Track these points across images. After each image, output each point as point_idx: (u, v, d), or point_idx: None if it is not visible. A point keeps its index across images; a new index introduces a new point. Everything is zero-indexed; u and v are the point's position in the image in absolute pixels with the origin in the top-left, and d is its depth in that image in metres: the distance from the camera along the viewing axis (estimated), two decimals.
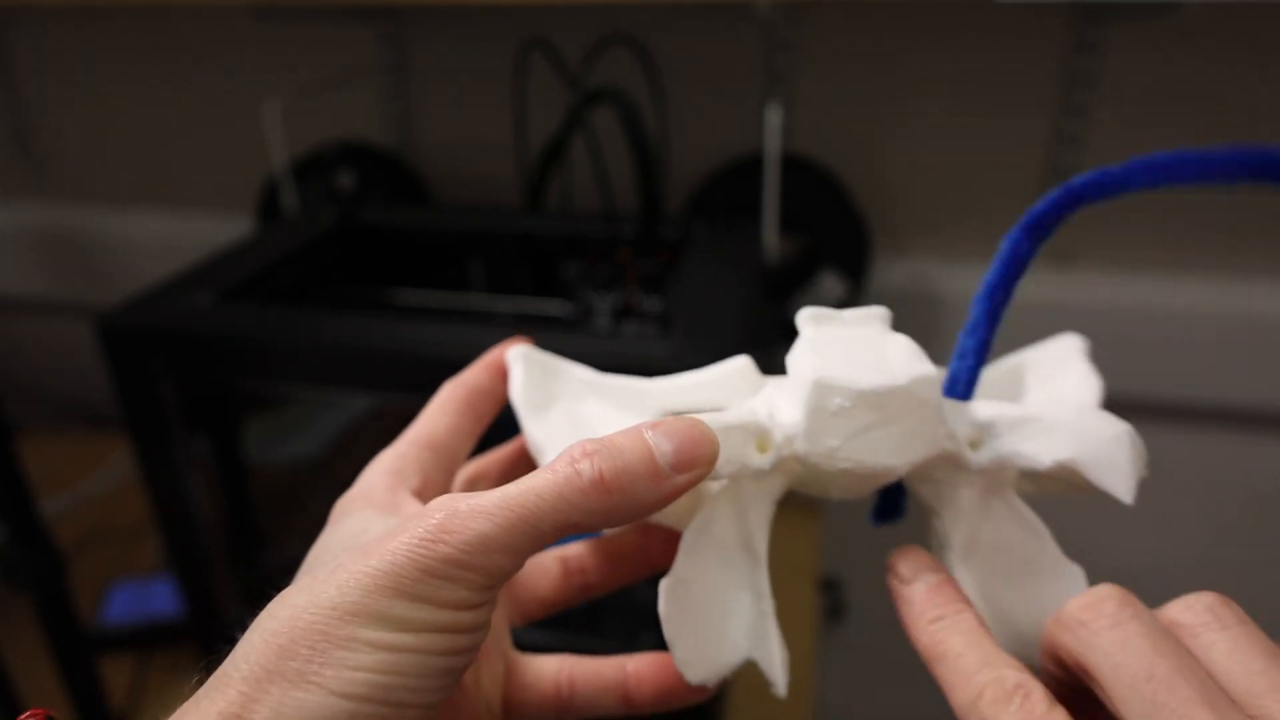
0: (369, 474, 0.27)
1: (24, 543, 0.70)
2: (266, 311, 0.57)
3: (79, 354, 1.04)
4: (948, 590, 0.24)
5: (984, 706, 0.21)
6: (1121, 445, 0.24)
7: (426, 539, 0.21)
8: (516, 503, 0.21)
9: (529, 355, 0.30)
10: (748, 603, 0.26)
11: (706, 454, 0.23)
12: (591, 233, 0.73)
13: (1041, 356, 0.31)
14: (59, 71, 1.00)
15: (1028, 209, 0.25)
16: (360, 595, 0.20)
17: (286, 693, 0.19)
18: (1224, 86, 0.75)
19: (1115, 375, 0.99)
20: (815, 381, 0.23)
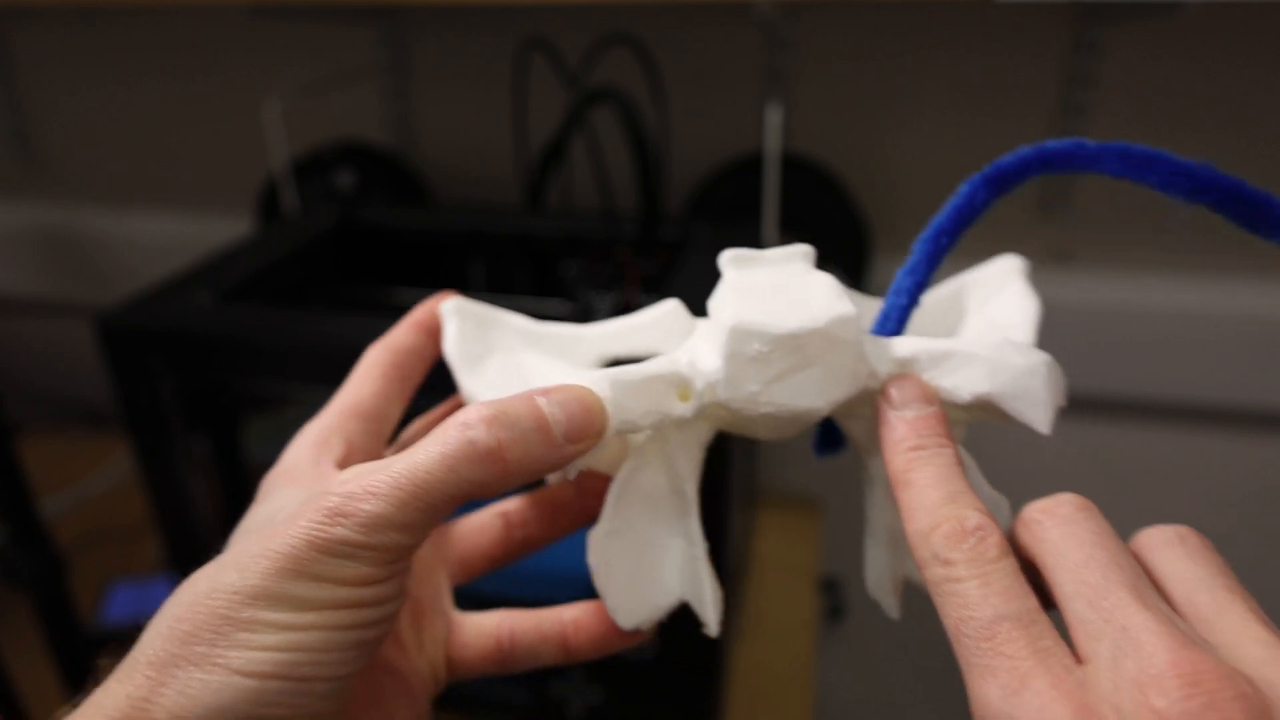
0: (293, 448, 0.27)
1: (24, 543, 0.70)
2: (266, 311, 0.57)
3: (79, 354, 1.04)
4: (934, 424, 0.23)
5: (937, 538, 0.21)
6: (1038, 377, 0.24)
7: (323, 522, 0.21)
8: (407, 479, 0.21)
9: (462, 307, 0.29)
10: (679, 548, 0.26)
11: (595, 426, 0.23)
12: (591, 233, 0.73)
13: (981, 277, 0.32)
14: (59, 71, 1.00)
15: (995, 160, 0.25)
16: (260, 578, 0.21)
17: (192, 675, 0.20)
18: (1224, 86, 0.75)
19: (1115, 375, 0.99)
20: (732, 328, 0.23)
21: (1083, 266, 0.83)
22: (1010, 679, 0.18)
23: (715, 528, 0.55)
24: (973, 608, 0.20)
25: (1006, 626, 0.19)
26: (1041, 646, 0.19)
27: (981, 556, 0.20)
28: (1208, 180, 0.24)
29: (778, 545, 0.86)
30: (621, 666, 0.61)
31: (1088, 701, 0.18)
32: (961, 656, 0.20)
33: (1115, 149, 0.24)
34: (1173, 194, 0.25)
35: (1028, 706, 0.18)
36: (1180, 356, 0.81)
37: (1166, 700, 0.17)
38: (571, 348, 0.29)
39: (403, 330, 0.30)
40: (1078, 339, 0.82)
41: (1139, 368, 0.82)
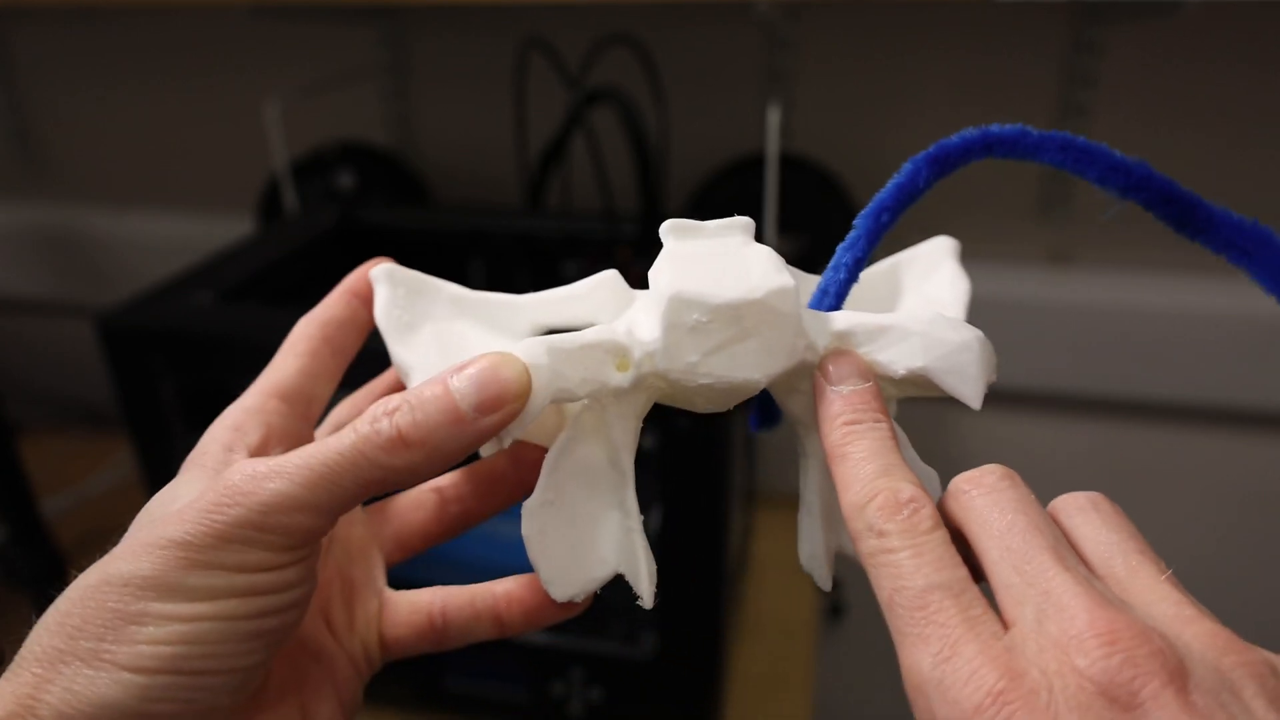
0: (208, 433, 0.26)
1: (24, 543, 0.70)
2: (266, 311, 0.57)
3: (79, 354, 1.04)
4: (869, 398, 0.24)
5: (871, 510, 0.21)
6: (970, 352, 0.24)
7: (220, 503, 0.20)
8: (318, 461, 0.21)
9: (394, 274, 0.28)
10: (616, 520, 0.25)
11: (513, 391, 0.22)
12: (591, 233, 0.73)
13: (916, 255, 0.32)
14: (59, 71, 1.00)
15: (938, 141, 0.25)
16: (151, 568, 0.20)
17: (79, 671, 0.19)
18: (1223, 86, 0.75)
19: (1115, 375, 0.99)
20: (671, 297, 0.23)
21: (1082, 267, 0.83)
22: (942, 646, 0.19)
23: (715, 528, 0.55)
24: (906, 578, 0.20)
25: (938, 595, 0.19)
26: (972, 615, 0.19)
27: (915, 528, 0.21)
28: (1141, 178, 0.25)
29: (778, 545, 0.86)
30: (621, 666, 0.61)
31: (1015, 665, 0.18)
32: (894, 626, 0.20)
33: (1057, 139, 0.25)
34: (1108, 188, 0.25)
35: (958, 672, 0.18)
36: (1180, 356, 0.81)
37: (1087, 659, 0.17)
38: (507, 316, 0.29)
39: (334, 299, 0.29)
40: (1077, 339, 0.82)
41: (1138, 368, 0.82)
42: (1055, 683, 0.18)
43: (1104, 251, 0.82)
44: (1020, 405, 0.88)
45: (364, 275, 0.29)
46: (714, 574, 0.57)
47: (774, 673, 0.72)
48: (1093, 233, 0.82)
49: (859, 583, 0.27)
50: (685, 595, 0.57)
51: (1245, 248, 0.25)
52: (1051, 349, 0.82)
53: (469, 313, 0.29)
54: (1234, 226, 0.25)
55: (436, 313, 0.28)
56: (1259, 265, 0.25)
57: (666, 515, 0.55)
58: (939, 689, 0.19)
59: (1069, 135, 0.25)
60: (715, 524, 0.55)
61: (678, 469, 0.53)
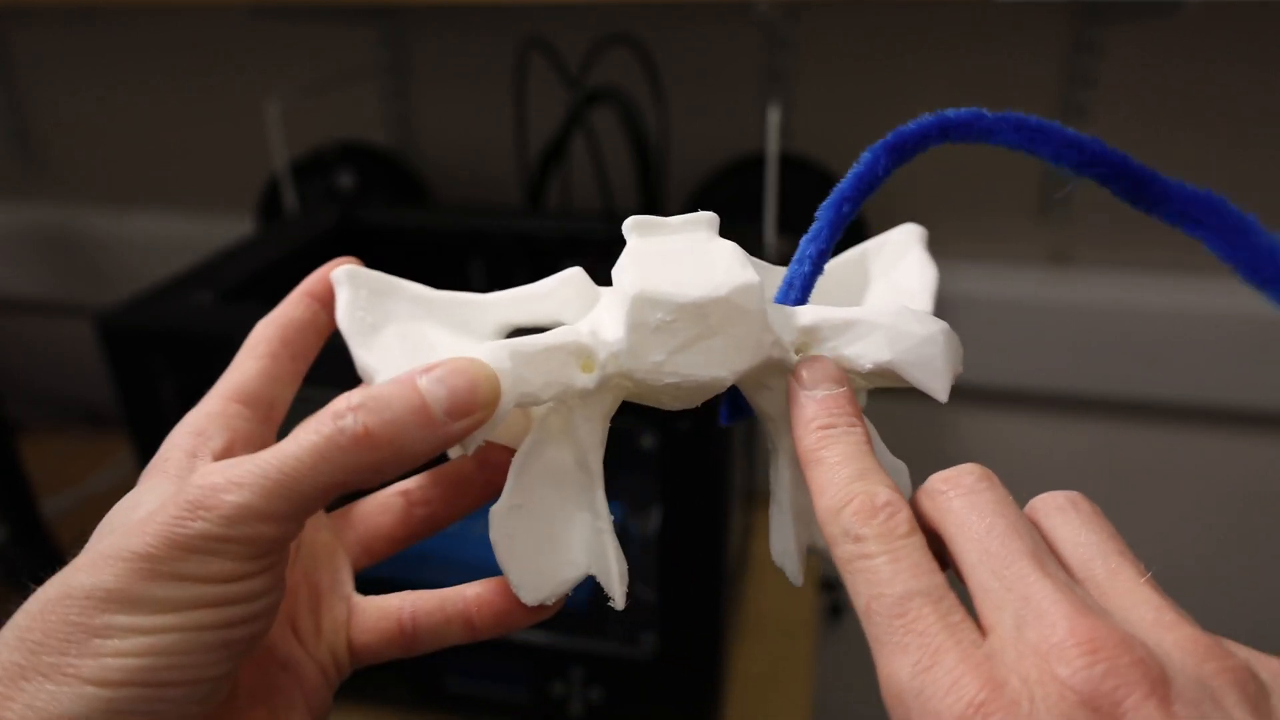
0: (171, 438, 0.25)
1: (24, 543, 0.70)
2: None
3: (79, 354, 1.04)
4: (844, 403, 0.24)
5: (847, 515, 0.21)
6: (936, 345, 0.24)
7: (182, 516, 0.20)
8: (274, 469, 0.20)
9: (356, 275, 0.28)
10: (585, 521, 0.25)
11: (484, 398, 0.22)
12: (591, 233, 0.73)
13: (884, 243, 0.32)
14: (59, 71, 1.00)
15: (896, 129, 0.25)
16: (114, 580, 0.20)
17: (41, 687, 0.19)
18: (1223, 86, 0.75)
19: (1115, 375, 0.99)
20: (635, 296, 0.23)
21: (1082, 267, 0.83)
22: (921, 655, 0.19)
23: (715, 528, 0.55)
24: (884, 585, 0.20)
25: (918, 603, 0.19)
26: (951, 622, 0.19)
27: (891, 533, 0.20)
28: (1096, 154, 0.25)
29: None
30: (621, 666, 0.61)
31: (995, 674, 0.18)
32: (872, 634, 0.20)
33: (1011, 120, 0.25)
34: (1063, 165, 0.25)
35: (939, 682, 0.18)
36: (1180, 356, 0.81)
37: (1069, 669, 0.17)
38: (470, 316, 0.29)
39: (292, 302, 0.28)
40: (1077, 339, 0.82)
41: (1138, 368, 0.82)
42: (1036, 691, 0.18)
43: (1104, 251, 0.82)
44: (1020, 405, 0.88)
45: (323, 277, 0.28)
46: (714, 574, 0.57)
47: (774, 673, 0.72)
48: (1093, 233, 0.82)
49: None
50: (685, 595, 0.57)
51: (1198, 217, 0.25)
52: (1051, 349, 0.82)
53: (433, 313, 0.28)
54: (1186, 197, 0.25)
55: (400, 313, 0.28)
56: (1213, 233, 0.25)
57: (666, 515, 0.55)
58: (919, 699, 0.18)
59: (1022, 115, 0.25)
60: (715, 524, 0.55)
61: (678, 469, 0.53)
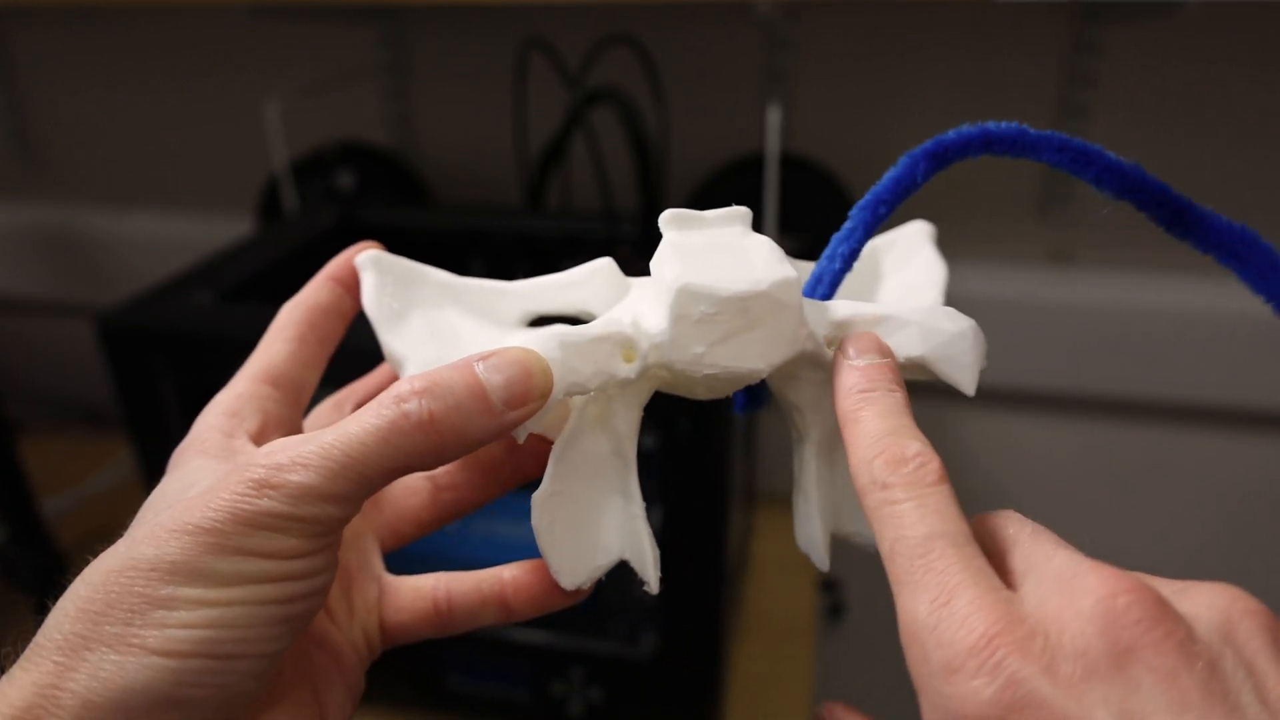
0: (203, 419, 0.25)
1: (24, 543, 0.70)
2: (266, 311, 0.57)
3: (79, 354, 1.04)
4: (886, 372, 0.24)
5: (877, 465, 0.21)
6: (966, 341, 0.25)
7: (247, 493, 0.20)
8: (339, 451, 0.20)
9: (381, 261, 0.28)
10: (619, 507, 0.26)
11: (539, 388, 0.22)
12: (591, 233, 0.73)
13: (894, 240, 0.32)
14: (59, 71, 1.00)
15: (936, 136, 0.25)
16: (179, 553, 0.20)
17: (105, 657, 0.19)
18: (1223, 86, 0.75)
19: (1115, 375, 0.99)
20: (680, 289, 0.23)
21: (1082, 267, 0.83)
22: (939, 592, 0.19)
23: (715, 528, 0.55)
24: (907, 527, 0.20)
25: (940, 544, 0.19)
26: (974, 565, 0.19)
27: (920, 481, 0.21)
28: (1136, 180, 0.25)
29: (778, 545, 0.86)
30: (621, 666, 0.61)
31: (1014, 611, 0.18)
32: (893, 576, 0.20)
33: (1055, 140, 0.25)
34: (1103, 189, 0.26)
35: (953, 615, 0.18)
36: (1180, 356, 0.81)
37: (1092, 599, 0.17)
38: (496, 303, 0.29)
39: (316, 285, 0.28)
40: (1077, 339, 0.82)
41: (1138, 368, 0.82)
42: (1054, 628, 0.18)
43: (1104, 251, 0.82)
44: (1020, 405, 0.88)
45: (347, 262, 0.28)
46: (714, 574, 0.57)
47: (774, 673, 0.72)
48: (1093, 233, 0.82)
49: (859, 583, 0.27)
50: (685, 595, 0.57)
51: (1233, 250, 0.26)
52: (1051, 349, 0.82)
53: (459, 300, 0.29)
54: (1223, 229, 0.26)
55: (425, 300, 0.28)
56: (1247, 267, 0.26)
57: (666, 515, 0.55)
58: (934, 633, 0.18)
59: (1066, 136, 0.25)
60: (715, 524, 0.55)
61: (678, 469, 0.53)
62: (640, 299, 0.25)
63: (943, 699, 0.18)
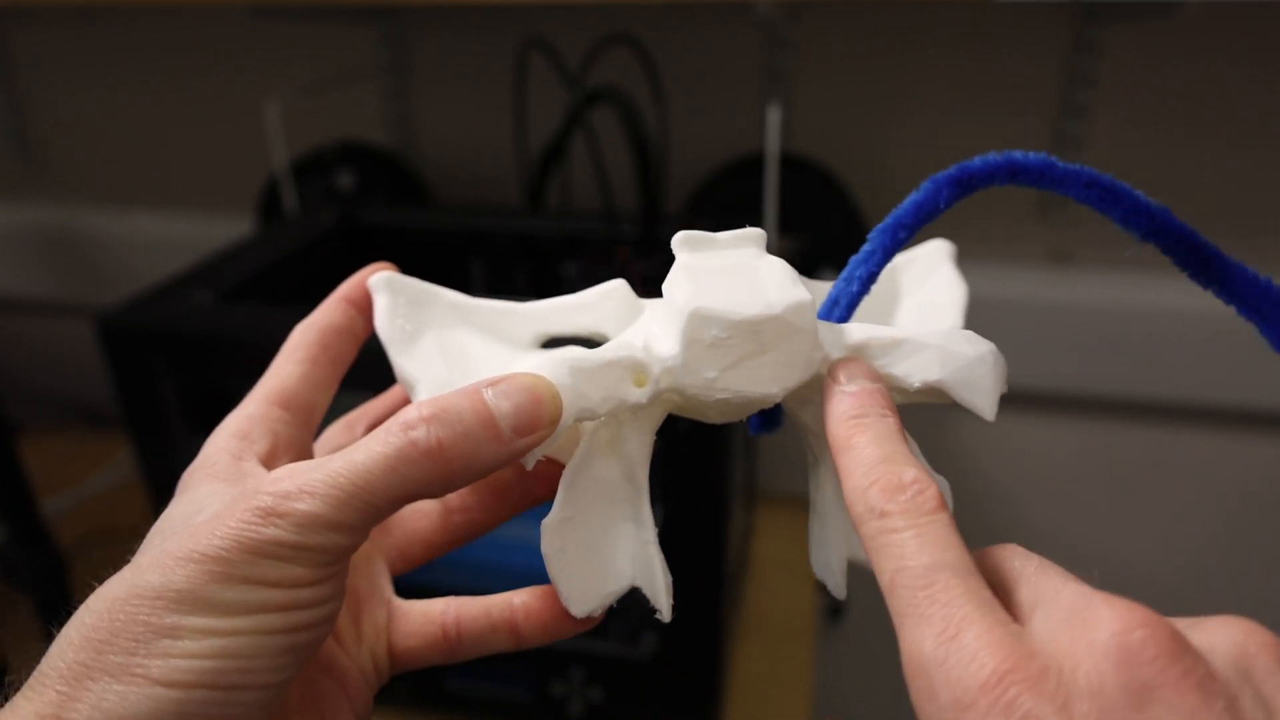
0: (213, 441, 0.25)
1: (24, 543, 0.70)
2: (266, 311, 0.57)
3: (79, 354, 1.04)
4: (877, 397, 0.24)
5: (873, 493, 0.21)
6: (985, 365, 0.24)
7: (255, 521, 0.20)
8: (346, 479, 0.20)
9: (394, 282, 0.28)
10: (631, 534, 0.25)
11: (548, 415, 0.22)
12: (591, 233, 0.73)
13: (913, 259, 0.32)
14: (59, 71, 1.00)
15: (961, 163, 0.25)
16: (185, 581, 0.19)
17: (108, 687, 0.19)
18: (1224, 86, 0.75)
19: (1115, 375, 0.99)
20: (692, 313, 0.23)
21: (1082, 267, 0.83)
22: (946, 625, 0.18)
23: (715, 528, 0.55)
24: (909, 558, 0.19)
25: (944, 575, 0.19)
26: (980, 596, 0.18)
27: (918, 508, 0.20)
28: (1163, 223, 0.25)
29: (778, 545, 0.86)
30: (621, 666, 0.61)
31: (1025, 646, 0.17)
32: (895, 608, 0.19)
33: (1084, 175, 0.25)
34: (1130, 229, 0.25)
35: (963, 650, 0.17)
36: (1180, 356, 0.81)
37: (1107, 633, 0.17)
38: (508, 325, 0.29)
39: (330, 307, 0.28)
40: (1077, 339, 0.82)
41: (1138, 368, 0.82)
42: (1067, 664, 0.17)
43: (1104, 251, 0.82)
44: (1020, 405, 0.88)
45: (360, 283, 0.28)
46: (714, 574, 0.57)
47: (774, 673, 0.72)
48: (1093, 233, 0.82)
49: (859, 583, 0.27)
50: (685, 595, 0.57)
51: (1258, 305, 0.25)
52: (1051, 349, 0.82)
53: (470, 321, 0.29)
54: (1249, 282, 0.25)
55: (437, 321, 0.28)
56: (1270, 325, 0.25)
57: (666, 516, 0.55)
58: (941, 668, 0.18)
59: (1095, 172, 0.25)
60: (715, 524, 0.55)
61: (678, 469, 0.53)
62: (652, 321, 0.25)
63: None
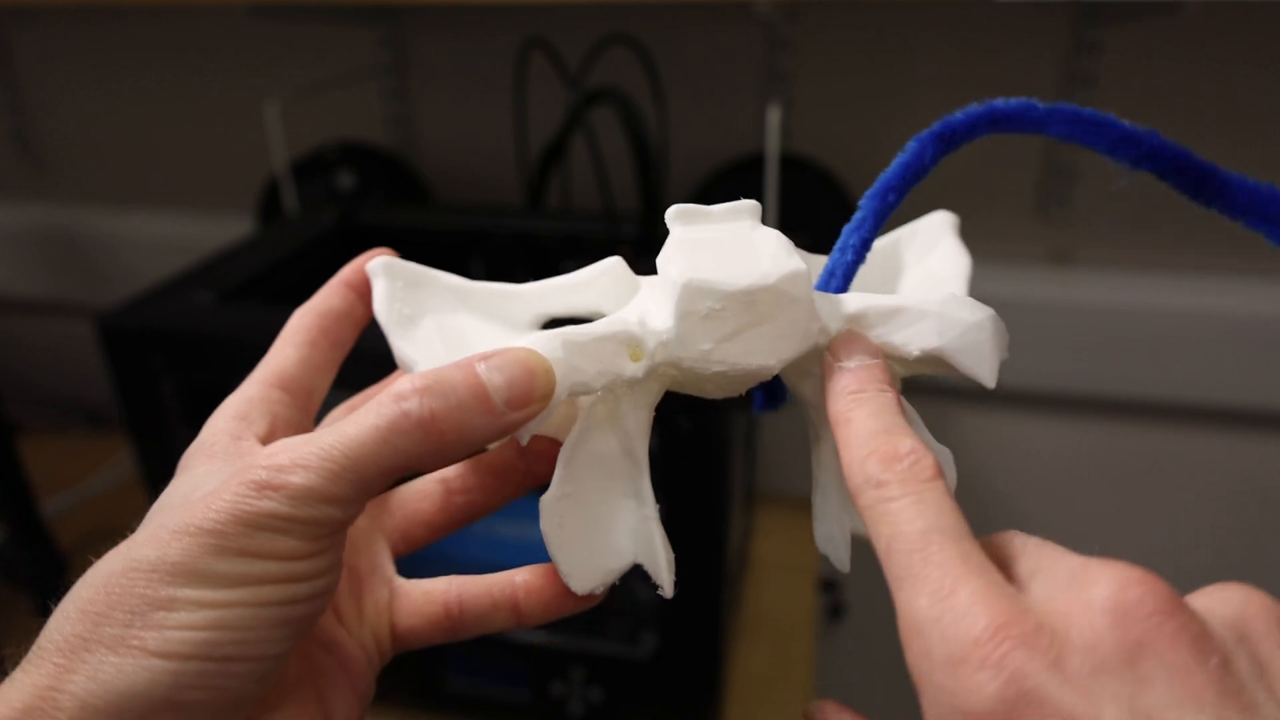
0: (212, 422, 0.25)
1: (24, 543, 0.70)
2: (266, 311, 0.57)
3: (79, 354, 1.04)
4: (876, 372, 0.24)
5: (871, 463, 0.21)
6: (984, 332, 0.24)
7: (249, 494, 0.20)
8: (339, 451, 0.20)
9: (392, 266, 0.28)
10: (631, 510, 0.25)
11: (541, 388, 0.22)
12: (591, 233, 0.73)
13: (916, 231, 0.32)
14: (59, 71, 1.00)
15: (943, 117, 0.25)
16: (180, 554, 0.20)
17: (104, 659, 0.19)
18: (1224, 86, 0.75)
19: (1115, 375, 0.99)
20: (685, 285, 0.23)
21: (1082, 266, 0.83)
22: (940, 585, 0.18)
23: (715, 528, 0.55)
24: (904, 523, 0.19)
25: (939, 538, 0.19)
26: (975, 559, 0.19)
27: (915, 476, 0.20)
28: (1154, 147, 0.24)
29: (778, 545, 0.86)
30: (621, 666, 0.61)
31: (1020, 603, 0.18)
32: (892, 573, 0.19)
33: (1065, 111, 0.24)
34: (1119, 159, 0.25)
35: (958, 607, 0.17)
36: (1180, 356, 0.81)
37: (1105, 591, 0.17)
38: (507, 306, 0.29)
39: (329, 291, 0.28)
40: (1077, 339, 0.82)
41: (1138, 368, 0.82)
42: (1060, 622, 0.17)
43: (1104, 251, 0.82)
44: (1020, 405, 0.88)
45: (360, 268, 0.28)
46: (714, 574, 0.57)
47: (774, 673, 0.72)
48: (1093, 233, 0.82)
49: (859, 583, 0.27)
50: (685, 595, 0.57)
51: (1264, 212, 0.24)
52: (1051, 349, 0.82)
53: (469, 304, 0.28)
54: (1250, 191, 0.24)
55: (436, 305, 0.28)
56: (1278, 228, 0.24)
57: (667, 515, 0.55)
58: (937, 626, 0.18)
59: (1076, 107, 0.24)
60: (715, 524, 0.55)
61: (678, 469, 0.53)
62: (649, 297, 0.25)
63: (945, 694, 0.17)
